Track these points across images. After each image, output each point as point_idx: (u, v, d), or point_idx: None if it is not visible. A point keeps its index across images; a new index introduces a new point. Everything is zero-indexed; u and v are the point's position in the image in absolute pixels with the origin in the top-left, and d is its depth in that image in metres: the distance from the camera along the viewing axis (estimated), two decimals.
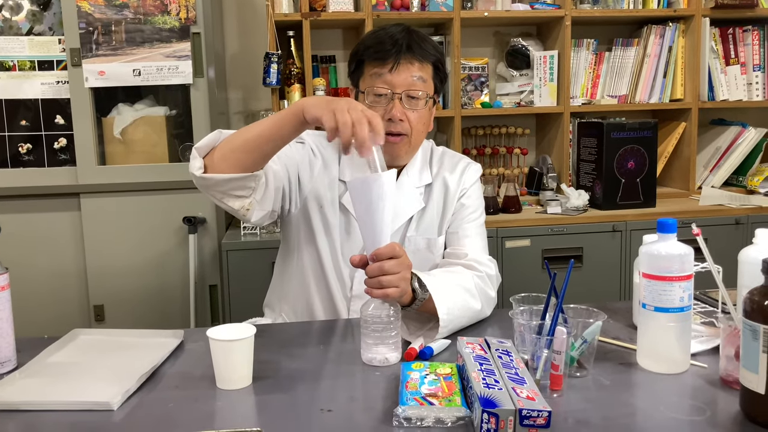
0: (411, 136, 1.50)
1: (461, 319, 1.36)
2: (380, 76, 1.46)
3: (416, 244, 1.56)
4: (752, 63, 2.96)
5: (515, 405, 0.91)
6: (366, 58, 1.49)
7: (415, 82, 1.46)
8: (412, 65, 1.46)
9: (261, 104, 2.94)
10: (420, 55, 1.46)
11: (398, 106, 1.46)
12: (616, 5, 2.85)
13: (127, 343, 1.34)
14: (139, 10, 2.49)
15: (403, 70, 1.45)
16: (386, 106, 1.46)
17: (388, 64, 1.45)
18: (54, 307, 2.61)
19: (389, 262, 1.21)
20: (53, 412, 1.05)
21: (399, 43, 1.45)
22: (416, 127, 1.49)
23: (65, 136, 2.59)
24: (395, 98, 1.46)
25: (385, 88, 1.46)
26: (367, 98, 1.48)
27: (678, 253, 1.11)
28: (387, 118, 1.45)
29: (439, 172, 1.61)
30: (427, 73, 1.49)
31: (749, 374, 0.96)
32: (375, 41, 1.48)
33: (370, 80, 1.48)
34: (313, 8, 2.64)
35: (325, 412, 1.03)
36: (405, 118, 1.47)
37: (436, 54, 1.50)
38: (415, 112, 1.48)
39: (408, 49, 1.45)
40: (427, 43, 1.50)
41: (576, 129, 2.85)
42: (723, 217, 2.62)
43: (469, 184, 1.61)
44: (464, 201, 1.59)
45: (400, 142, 1.49)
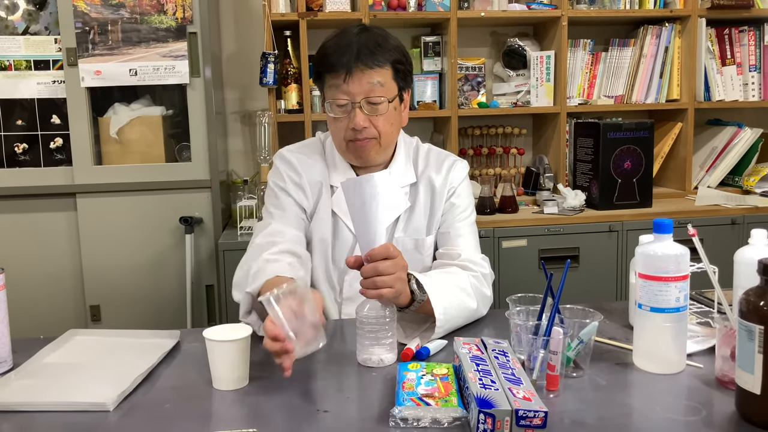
0: (380, 138, 1.48)
1: (457, 319, 1.36)
2: (338, 87, 1.44)
3: (404, 245, 1.54)
4: (748, 63, 2.97)
5: (512, 405, 0.92)
6: (322, 70, 1.47)
7: (373, 88, 1.43)
8: (366, 73, 1.42)
9: (258, 104, 2.94)
10: (372, 62, 1.42)
11: (360, 115, 1.44)
12: (613, 5, 2.85)
13: (123, 344, 1.34)
14: (135, 10, 2.48)
15: (358, 79, 1.42)
16: (348, 115, 1.45)
17: (341, 75, 1.42)
18: (50, 308, 2.60)
19: (384, 262, 1.21)
20: (49, 413, 1.05)
21: (351, 51, 1.41)
22: (383, 129, 1.47)
23: (61, 136, 2.58)
24: (355, 107, 1.44)
25: (344, 98, 1.44)
26: (330, 110, 1.47)
27: (674, 253, 1.11)
28: (351, 127, 1.45)
29: (424, 171, 1.59)
30: (385, 76, 1.45)
31: (745, 374, 0.96)
32: (329, 50, 1.45)
33: (330, 92, 1.47)
34: (310, 8, 2.64)
35: (321, 413, 1.03)
36: (369, 124, 1.45)
37: (393, 55, 1.46)
38: (380, 116, 1.46)
39: (358, 58, 1.41)
40: (382, 47, 1.44)
41: (572, 129, 2.85)
42: (719, 217, 2.63)
43: (457, 182, 1.59)
44: (454, 200, 1.58)
45: (368, 144, 1.48)
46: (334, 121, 1.48)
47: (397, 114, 1.51)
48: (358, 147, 1.47)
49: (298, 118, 2.70)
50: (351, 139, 1.47)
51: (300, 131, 2.74)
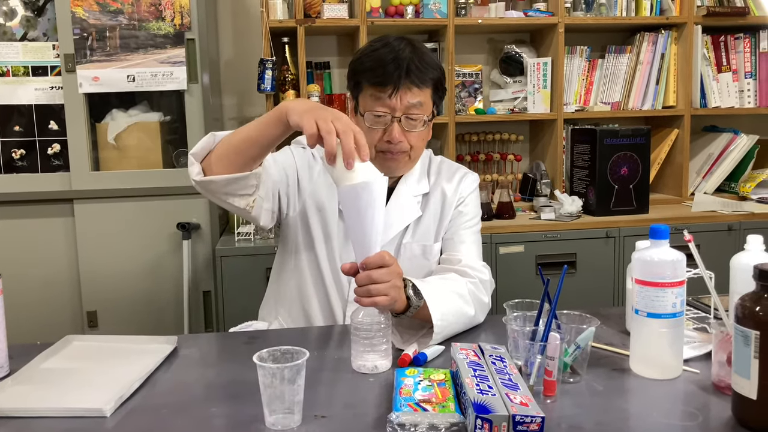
0: (411, 153, 1.51)
1: (455, 325, 1.36)
2: (379, 99, 1.44)
3: (412, 251, 1.56)
4: (744, 70, 2.98)
5: (509, 411, 0.92)
6: (365, 80, 1.47)
7: (414, 105, 1.45)
8: (411, 90, 1.44)
9: (255, 110, 2.95)
10: (420, 81, 1.44)
11: (397, 129, 1.45)
12: (609, 12, 2.87)
13: (120, 350, 1.33)
14: (133, 16, 2.49)
15: (403, 95, 1.44)
16: (385, 127, 1.46)
17: (387, 89, 1.43)
18: (47, 313, 2.60)
19: (378, 270, 1.21)
20: (46, 418, 1.05)
21: (401, 67, 1.42)
22: (416, 144, 1.50)
23: (59, 142, 2.59)
24: (394, 121, 1.45)
25: (384, 111, 1.45)
26: (366, 120, 1.47)
27: (670, 259, 1.11)
28: (386, 140, 1.46)
29: (437, 181, 1.61)
30: (426, 96, 1.47)
31: (741, 380, 0.96)
32: (375, 63, 1.45)
33: (369, 102, 1.47)
34: (308, 15, 2.64)
35: (319, 418, 1.03)
36: (404, 139, 1.47)
37: (437, 75, 1.48)
38: (414, 132, 1.48)
39: (407, 75, 1.43)
40: (428, 66, 1.46)
41: (569, 135, 2.86)
42: (715, 223, 2.64)
43: (466, 193, 1.61)
44: (461, 209, 1.60)
45: (400, 157, 1.50)
46: (367, 131, 1.47)
47: (427, 130, 1.53)
48: (389, 158, 1.49)
49: None
50: (383, 150, 1.48)
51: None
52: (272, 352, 1.04)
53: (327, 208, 1.55)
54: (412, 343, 1.31)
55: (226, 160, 1.32)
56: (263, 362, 1.00)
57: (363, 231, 1.20)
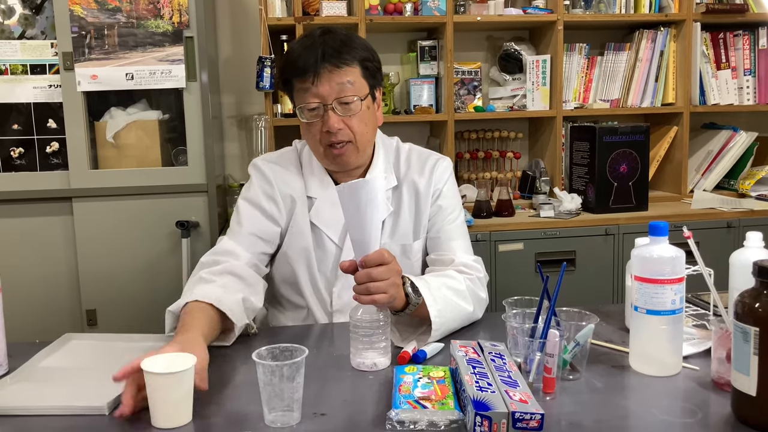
0: (356, 141, 1.46)
1: (453, 322, 1.36)
2: (307, 91, 1.42)
3: (391, 251, 1.48)
4: (743, 67, 2.98)
5: (508, 408, 0.92)
6: (289, 75, 1.45)
7: (344, 88, 1.41)
8: (334, 73, 1.40)
9: (254, 108, 2.94)
10: (339, 61, 1.40)
11: (333, 117, 1.42)
12: (608, 10, 2.86)
13: (118, 348, 1.34)
14: (131, 14, 2.48)
15: (326, 80, 1.40)
16: (322, 118, 1.43)
17: (309, 78, 1.40)
18: (46, 312, 2.59)
19: (378, 268, 1.20)
20: (45, 416, 1.05)
21: (316, 53, 1.40)
22: (358, 130, 1.45)
23: (57, 140, 2.58)
24: (328, 109, 1.41)
25: (315, 101, 1.42)
26: (303, 115, 1.45)
27: (670, 255, 1.11)
28: (325, 131, 1.43)
29: (406, 173, 1.56)
30: (354, 75, 1.42)
31: (740, 376, 0.96)
32: (294, 55, 1.43)
33: (300, 97, 1.44)
34: (307, 13, 2.64)
35: (318, 416, 1.03)
36: (344, 125, 1.43)
37: (360, 53, 1.44)
38: (353, 116, 1.43)
39: (324, 59, 1.39)
40: (348, 46, 1.42)
41: (568, 133, 2.86)
42: (715, 220, 2.63)
43: (441, 183, 1.56)
44: (440, 202, 1.55)
45: (346, 151, 1.46)
46: (307, 127, 1.46)
47: (371, 113, 1.48)
48: (336, 153, 1.45)
49: (295, 122, 2.69)
50: (328, 143, 1.44)
51: (296, 135, 2.72)
52: (271, 350, 1.03)
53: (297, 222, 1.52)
54: (411, 340, 1.31)
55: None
56: (262, 360, 1.00)
57: (362, 229, 1.20)
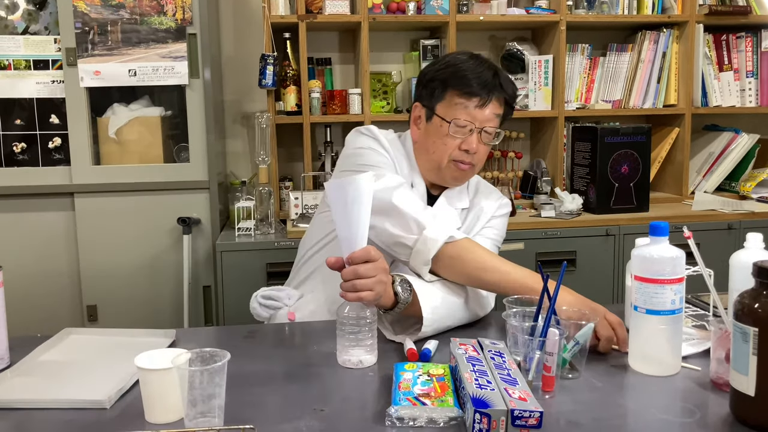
0: (475, 166, 1.56)
1: (448, 319, 1.36)
2: (467, 108, 1.49)
3: None
4: (745, 69, 2.98)
5: (507, 405, 0.92)
6: (452, 87, 1.51)
7: (494, 119, 1.52)
8: (497, 103, 1.51)
9: (256, 106, 2.95)
10: (505, 95, 1.52)
11: (476, 139, 1.51)
12: (611, 11, 2.87)
13: (118, 343, 1.34)
14: (135, 11, 2.49)
15: (490, 108, 1.50)
16: (464, 137, 1.51)
17: (475, 99, 1.49)
18: (47, 307, 2.60)
19: (364, 265, 1.21)
20: (46, 410, 1.05)
21: (495, 80, 1.50)
22: (482, 158, 1.56)
23: (60, 136, 2.59)
24: (473, 132, 1.50)
25: (470, 122, 1.50)
26: (450, 128, 1.51)
27: (670, 256, 1.11)
28: (464, 149, 1.51)
29: (475, 198, 1.66)
30: (502, 110, 1.54)
31: (739, 376, 0.96)
32: (468, 71, 1.50)
33: (454, 110, 1.50)
34: (310, 10, 2.64)
35: (318, 412, 1.03)
36: (478, 151, 1.53)
37: (513, 93, 1.56)
38: (486, 145, 1.54)
39: (501, 88, 1.50)
40: (511, 83, 1.55)
41: (570, 133, 2.86)
42: (715, 222, 2.64)
43: (500, 214, 1.66)
44: (490, 223, 1.64)
45: (468, 170, 1.55)
46: (445, 138, 1.51)
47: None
48: (460, 168, 1.53)
49: (297, 120, 2.70)
50: (458, 159, 1.52)
51: (298, 133, 2.74)
52: (200, 354, 1.00)
53: None
54: (404, 335, 1.31)
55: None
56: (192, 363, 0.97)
57: (349, 226, 1.21)
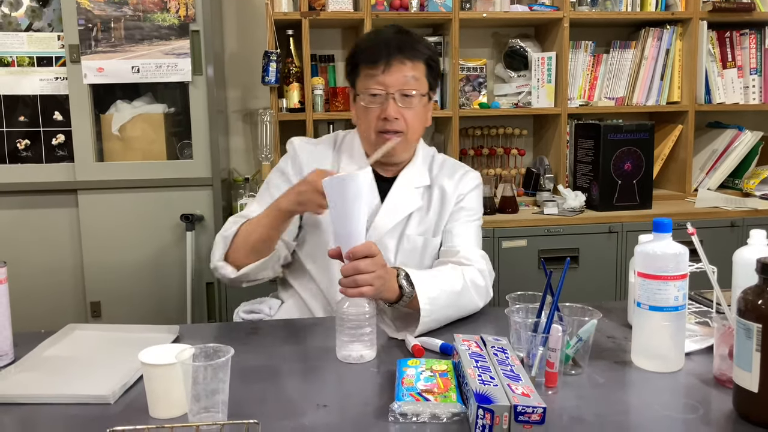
0: (407, 134, 1.52)
1: (446, 309, 1.37)
2: (373, 77, 1.49)
3: (414, 243, 1.58)
4: (749, 66, 2.97)
5: (510, 401, 0.92)
6: (360, 61, 1.52)
7: (408, 81, 1.49)
8: (404, 65, 1.49)
9: (259, 103, 2.95)
10: (411, 55, 1.49)
11: (393, 106, 1.49)
12: (614, 8, 2.86)
13: (122, 338, 1.34)
14: (138, 7, 2.49)
15: (395, 71, 1.48)
16: (381, 105, 1.50)
17: (380, 66, 1.48)
18: (50, 303, 2.60)
19: (364, 261, 1.23)
20: (50, 405, 1.06)
21: (390, 45, 1.49)
22: (412, 124, 1.52)
23: (63, 133, 2.59)
24: (389, 98, 1.49)
25: (379, 88, 1.49)
26: (362, 100, 1.52)
27: (673, 252, 1.11)
28: (383, 117, 1.49)
29: (438, 177, 1.63)
30: (419, 71, 1.51)
31: (742, 373, 0.96)
32: (368, 44, 1.53)
33: (365, 82, 1.51)
34: (313, 7, 2.64)
35: (321, 407, 1.03)
36: (400, 116, 1.50)
37: (428, 52, 1.53)
38: (410, 110, 1.51)
39: (399, 50, 1.48)
40: (419, 43, 1.52)
41: (573, 130, 2.86)
42: (718, 219, 2.63)
43: (467, 190, 1.63)
44: (462, 204, 1.62)
45: (399, 139, 1.51)
46: (365, 111, 1.52)
47: (424, 112, 1.56)
48: (386, 139, 1.51)
49: (300, 117, 2.70)
50: (381, 130, 1.51)
51: (301, 130, 2.74)
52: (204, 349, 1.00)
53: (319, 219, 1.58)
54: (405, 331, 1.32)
55: (249, 255, 1.47)
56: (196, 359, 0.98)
57: (349, 222, 1.22)
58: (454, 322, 1.41)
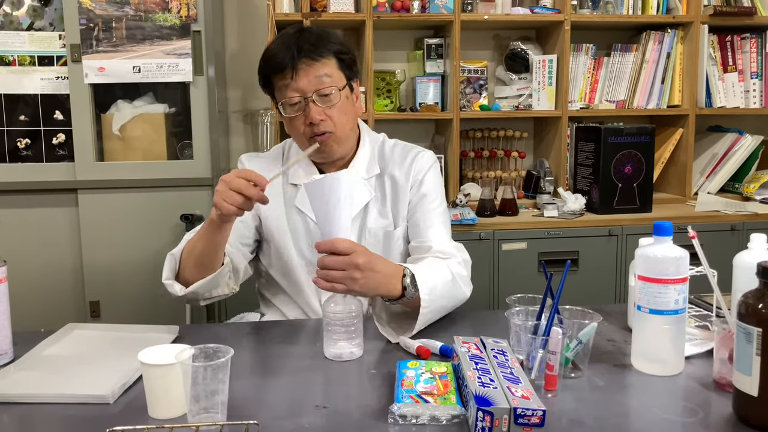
0: (336, 131, 1.51)
1: (442, 300, 1.37)
2: (287, 86, 1.47)
3: (376, 236, 1.57)
4: (750, 70, 2.98)
5: (510, 403, 0.92)
6: (269, 73, 1.50)
7: (321, 80, 1.47)
8: (312, 66, 1.46)
9: (260, 103, 2.95)
10: (316, 54, 1.46)
11: (314, 109, 1.47)
12: (616, 11, 2.86)
13: (121, 338, 1.34)
14: (139, 7, 2.49)
15: (304, 74, 1.46)
16: (303, 111, 1.48)
17: (288, 72, 1.46)
18: (49, 303, 2.60)
19: (330, 257, 1.23)
20: (50, 404, 1.06)
21: (292, 49, 1.45)
22: (338, 120, 1.50)
23: (64, 132, 2.59)
24: (308, 102, 1.47)
25: (295, 95, 1.47)
26: (285, 111, 1.50)
27: (674, 255, 1.11)
28: (308, 123, 1.48)
29: (387, 165, 1.62)
30: (330, 67, 1.48)
31: (742, 377, 0.96)
32: (271, 53, 1.49)
33: (281, 93, 1.49)
34: (314, 8, 2.64)
35: (320, 409, 1.03)
36: (325, 117, 1.48)
37: (333, 46, 1.50)
38: (333, 107, 1.49)
39: (301, 52, 1.45)
40: (322, 39, 1.49)
41: (574, 133, 2.86)
42: (718, 223, 2.63)
43: (422, 174, 1.60)
44: (421, 190, 1.59)
45: (327, 139, 1.50)
46: (290, 122, 1.51)
47: (349, 104, 1.54)
48: (319, 143, 1.49)
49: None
50: (311, 135, 1.49)
51: None
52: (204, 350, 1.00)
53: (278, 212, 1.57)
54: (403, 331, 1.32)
55: (196, 271, 1.42)
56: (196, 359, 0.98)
57: (330, 223, 1.23)
58: (454, 324, 1.41)
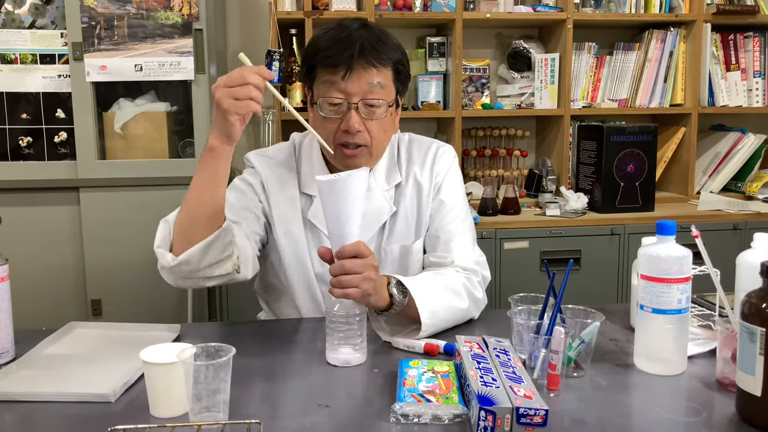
0: (371, 147, 1.37)
1: (446, 322, 1.32)
2: (333, 84, 1.32)
3: (392, 254, 1.46)
4: (753, 69, 2.97)
5: (512, 403, 0.92)
6: (317, 64, 1.34)
7: (373, 88, 1.32)
8: (369, 71, 1.31)
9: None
10: (377, 59, 1.31)
11: (355, 117, 1.32)
12: (618, 9, 2.86)
13: (123, 337, 1.34)
14: (141, 6, 2.49)
15: (358, 77, 1.30)
16: (342, 116, 1.33)
17: (340, 71, 1.30)
18: (51, 301, 2.60)
19: (352, 260, 1.15)
20: (51, 403, 1.05)
21: (353, 46, 1.29)
22: (377, 136, 1.36)
23: (66, 130, 2.59)
24: (351, 108, 1.32)
25: (339, 97, 1.32)
26: (321, 108, 1.35)
27: (677, 255, 1.11)
28: (343, 129, 1.33)
29: (408, 167, 1.48)
30: (386, 77, 1.34)
31: (746, 376, 0.96)
32: (327, 43, 1.32)
33: (323, 89, 1.34)
34: (316, 7, 2.64)
35: (322, 408, 1.03)
36: (363, 128, 1.33)
37: (396, 55, 1.35)
38: (375, 121, 1.34)
39: (361, 54, 1.29)
40: (386, 45, 1.34)
41: (576, 132, 2.85)
42: (721, 222, 2.63)
43: (443, 176, 1.48)
44: (441, 197, 1.47)
45: (359, 154, 1.36)
46: (323, 122, 1.36)
47: (391, 120, 1.40)
48: (348, 155, 1.36)
49: (303, 116, 2.69)
50: (341, 142, 1.35)
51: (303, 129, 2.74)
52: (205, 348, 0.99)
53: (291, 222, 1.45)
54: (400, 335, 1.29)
55: (190, 231, 1.23)
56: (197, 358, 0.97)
57: (341, 223, 1.16)
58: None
